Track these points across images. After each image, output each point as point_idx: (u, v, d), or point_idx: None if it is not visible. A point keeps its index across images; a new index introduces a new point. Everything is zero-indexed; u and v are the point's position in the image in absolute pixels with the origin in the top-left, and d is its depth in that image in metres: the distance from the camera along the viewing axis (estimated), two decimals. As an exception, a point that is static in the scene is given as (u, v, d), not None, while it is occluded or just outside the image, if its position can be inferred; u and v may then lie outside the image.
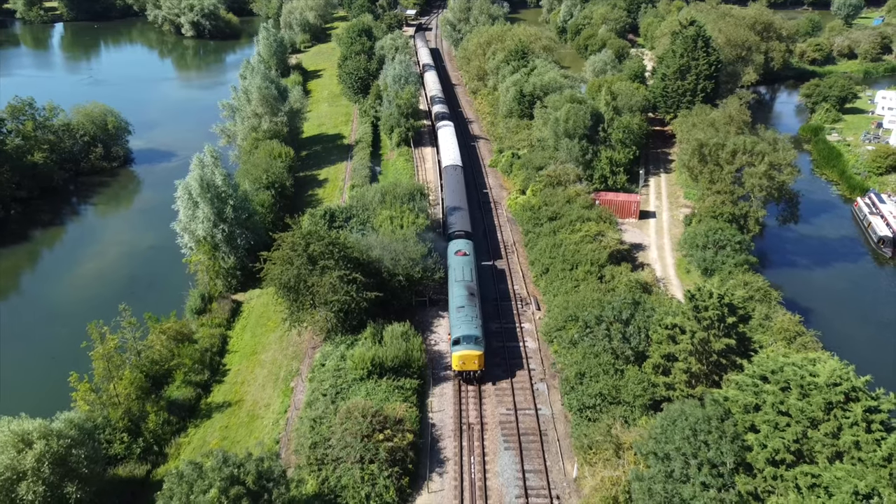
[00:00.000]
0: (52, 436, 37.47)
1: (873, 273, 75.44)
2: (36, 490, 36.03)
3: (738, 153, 68.73)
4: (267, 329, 59.07)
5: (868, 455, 27.10)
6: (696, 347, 39.05)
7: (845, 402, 28.85)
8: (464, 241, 61.01)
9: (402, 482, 40.15)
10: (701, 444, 32.48)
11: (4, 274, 73.87)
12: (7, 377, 54.91)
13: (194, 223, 63.49)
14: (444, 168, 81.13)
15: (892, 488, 25.21)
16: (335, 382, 47.04)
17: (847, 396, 28.87)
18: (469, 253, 58.66)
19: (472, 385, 48.77)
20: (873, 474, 26.40)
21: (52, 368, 53.93)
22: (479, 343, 48.05)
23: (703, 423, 32.94)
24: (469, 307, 50.98)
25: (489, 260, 66.37)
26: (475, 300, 52.35)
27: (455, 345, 48.49)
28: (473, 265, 57.28)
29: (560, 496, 40.18)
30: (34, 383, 53.45)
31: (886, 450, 26.54)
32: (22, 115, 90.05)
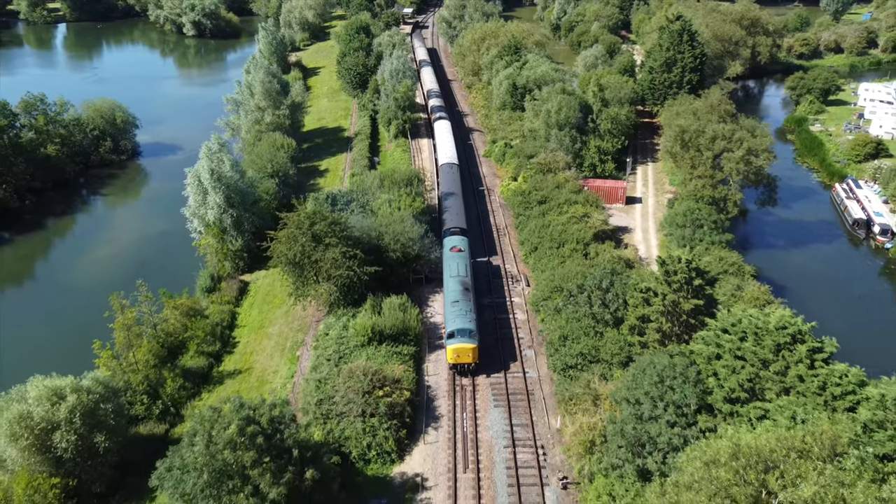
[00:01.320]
0: (82, 391, 41.32)
1: (847, 253, 79.38)
2: (69, 439, 39.85)
3: (717, 139, 72.59)
4: (273, 305, 62.91)
5: (808, 387, 30.96)
6: (666, 308, 42.94)
7: (792, 344, 32.72)
8: (459, 238, 62.32)
9: (400, 434, 44.07)
10: (667, 388, 36.30)
11: (24, 258, 77.82)
12: (32, 347, 58.76)
13: (203, 208, 67.35)
14: (440, 166, 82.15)
15: (825, 412, 29.01)
16: (338, 348, 50.90)
17: (793, 338, 32.73)
18: (464, 249, 60.08)
19: (467, 378, 49.59)
20: (811, 402, 30.24)
21: (74, 341, 57.65)
22: (472, 337, 49.07)
23: (669, 369, 36.81)
24: (463, 302, 52.03)
25: (483, 247, 69.87)
26: (469, 295, 53.45)
27: (450, 338, 49.38)
28: (468, 261, 58.64)
29: (544, 446, 44.06)
30: (58, 353, 57.04)
31: (821, 379, 30.38)
32: (34, 110, 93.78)
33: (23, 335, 62.03)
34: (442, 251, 61.50)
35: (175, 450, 34.80)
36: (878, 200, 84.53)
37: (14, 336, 62.19)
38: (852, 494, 22.08)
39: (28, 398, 40.47)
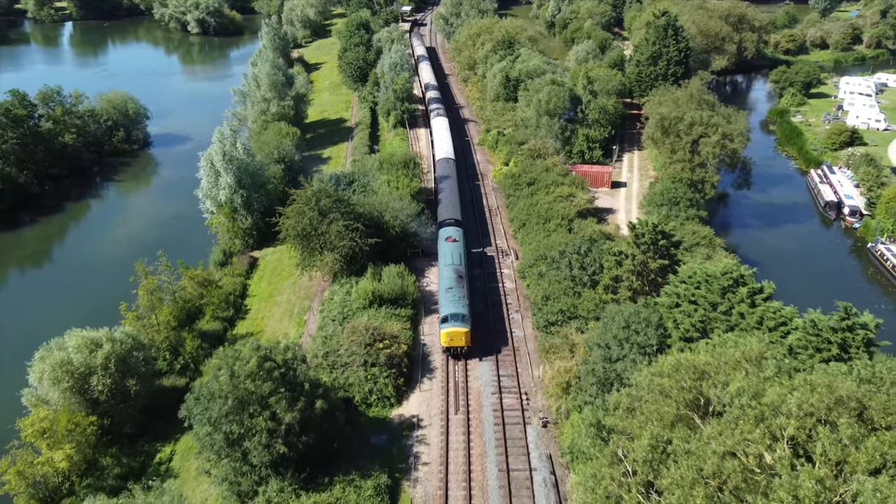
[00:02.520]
0: (116, 341, 46.46)
1: (819, 233, 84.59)
2: (104, 382, 44.95)
3: (695, 125, 77.64)
4: (281, 278, 68.01)
5: (749, 322, 36.05)
6: (636, 268, 48.08)
7: (735, 287, 37.82)
8: (454, 229, 64.38)
9: (398, 382, 49.18)
10: (632, 332, 41.37)
11: (46, 238, 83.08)
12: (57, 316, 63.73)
13: (216, 189, 72.39)
14: (437, 161, 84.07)
15: (758, 340, 34.04)
16: (342, 310, 55.99)
17: (736, 282, 37.82)
18: (458, 239, 62.12)
19: (460, 361, 51.66)
20: (751, 335, 35.32)
21: (96, 311, 62.36)
22: (465, 321, 51.11)
23: (635, 316, 41.90)
24: (457, 288, 54.24)
25: (476, 226, 74.83)
26: (463, 282, 55.70)
27: (443, 322, 51.44)
28: (462, 250, 60.82)
29: (528, 393, 49.17)
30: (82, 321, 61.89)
31: (759, 314, 35.43)
32: (51, 102, 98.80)
33: (48, 306, 67.09)
34: (438, 241, 64.24)
35: (201, 383, 39.90)
36: (849, 184, 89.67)
37: (40, 307, 67.29)
38: (769, 388, 27.12)
39: (67, 347, 45.56)
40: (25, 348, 49.81)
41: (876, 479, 21.68)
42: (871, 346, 31.61)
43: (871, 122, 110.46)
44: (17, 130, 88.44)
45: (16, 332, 62.44)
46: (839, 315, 32.14)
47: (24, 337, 58.26)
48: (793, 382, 26.20)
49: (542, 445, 44.48)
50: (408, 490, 41.59)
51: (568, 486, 41.21)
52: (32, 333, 56.63)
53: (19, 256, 79.78)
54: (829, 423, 24.21)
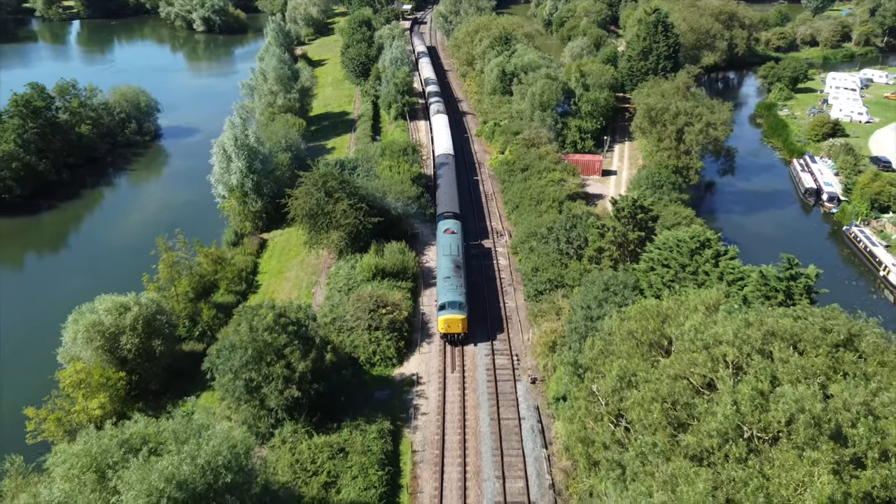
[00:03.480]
0: (142, 305, 50.93)
1: (799, 217, 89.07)
2: (133, 342, 49.43)
3: (680, 115, 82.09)
4: (289, 256, 72.49)
5: (712, 278, 40.50)
6: (617, 239, 52.53)
7: (701, 249, 42.28)
8: (452, 221, 66.79)
9: (399, 344, 53.69)
10: (611, 293, 45.86)
11: (66, 221, 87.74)
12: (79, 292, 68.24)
13: (227, 174, 76.81)
14: (436, 156, 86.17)
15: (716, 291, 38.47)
16: (347, 282, 60.46)
17: (702, 244, 42.28)
18: (456, 232, 64.53)
19: (457, 347, 53.66)
20: (714, 290, 39.76)
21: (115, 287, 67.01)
22: (462, 308, 53.15)
23: (613, 279, 46.40)
24: (455, 278, 56.50)
25: (472, 209, 79.43)
26: (460, 272, 57.88)
27: (441, 309, 53.44)
28: (460, 242, 63.11)
29: (518, 355, 53.64)
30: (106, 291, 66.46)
31: (720, 270, 39.89)
32: (67, 95, 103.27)
33: (71, 281, 71.62)
34: (437, 232, 67.01)
35: (223, 336, 44.43)
36: (829, 173, 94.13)
37: (63, 282, 71.84)
38: (719, 324, 31.58)
39: (98, 310, 50.02)
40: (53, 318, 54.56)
41: (796, 388, 26.18)
42: (811, 293, 36.06)
43: (854, 114, 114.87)
44: (36, 121, 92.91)
45: (43, 303, 67.00)
46: (784, 266, 36.64)
47: (50, 308, 62.84)
48: (734, 319, 30.68)
49: (531, 399, 48.96)
50: (408, 435, 46.08)
51: (553, 433, 45.68)
52: (58, 305, 61.13)
53: (41, 238, 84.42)
54: (765, 351, 28.70)
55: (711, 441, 26.32)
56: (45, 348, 53.22)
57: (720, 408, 26.63)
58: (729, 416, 25.80)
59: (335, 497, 39.04)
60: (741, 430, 26.05)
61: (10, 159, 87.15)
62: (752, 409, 26.26)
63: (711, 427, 26.27)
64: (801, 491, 23.14)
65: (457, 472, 42.80)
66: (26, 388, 52.52)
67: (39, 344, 56.53)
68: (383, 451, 43.06)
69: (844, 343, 31.16)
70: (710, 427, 26.31)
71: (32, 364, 55.91)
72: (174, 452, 27.72)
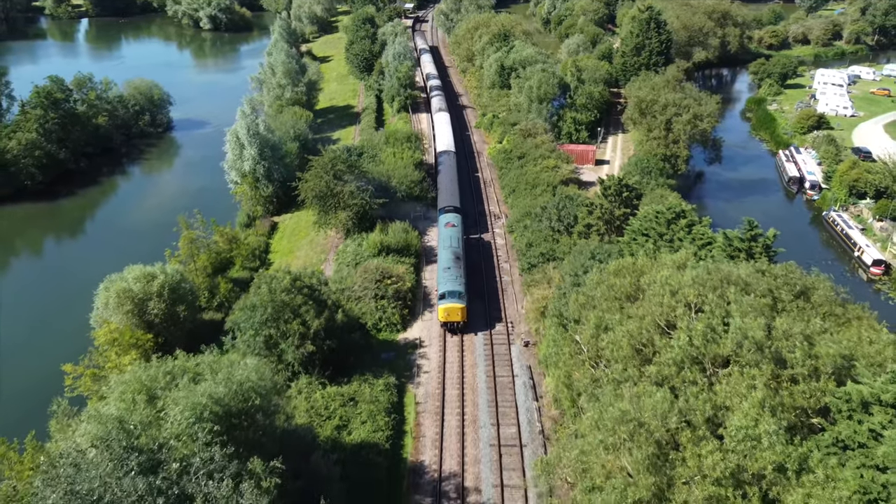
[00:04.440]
0: (168, 274, 55.49)
1: (782, 204, 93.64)
2: (159, 307, 53.94)
3: (668, 106, 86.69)
4: (299, 237, 77.06)
5: (685, 244, 45.04)
6: (604, 216, 57.08)
7: (677, 219, 46.82)
8: (453, 215, 68.62)
9: (403, 312, 58.24)
10: (596, 261, 50.33)
11: (86, 207, 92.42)
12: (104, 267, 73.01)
13: (240, 161, 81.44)
14: (438, 153, 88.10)
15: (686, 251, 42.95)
16: (354, 258, 65.02)
17: (678, 215, 46.82)
18: (457, 225, 66.45)
19: (456, 335, 55.66)
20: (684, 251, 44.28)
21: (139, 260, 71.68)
22: (462, 298, 55.18)
23: (599, 248, 50.96)
24: (455, 268, 58.65)
25: (472, 195, 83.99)
26: (460, 263, 60.01)
27: (441, 299, 55.45)
28: (460, 235, 65.07)
29: (513, 322, 58.21)
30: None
31: (692, 236, 44.44)
32: (84, 88, 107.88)
33: (95, 259, 76.12)
34: (438, 226, 69.29)
35: (245, 297, 49.00)
36: (812, 163, 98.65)
37: (87, 260, 76.47)
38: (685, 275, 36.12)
39: (128, 278, 54.58)
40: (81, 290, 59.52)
41: (744, 319, 30.73)
42: (770, 251, 40.61)
43: (839, 109, 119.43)
44: (56, 112, 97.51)
45: (70, 278, 71.73)
46: (745, 228, 41.21)
47: (77, 282, 67.67)
48: (697, 268, 35.25)
49: (524, 359, 53.53)
50: (411, 390, 50.65)
51: (543, 388, 50.20)
52: (83, 279, 65.69)
53: (64, 221, 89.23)
54: (719, 292, 33.27)
55: (670, 369, 30.88)
56: (77, 316, 57.91)
57: (676, 341, 31.19)
58: (684, 347, 30.35)
59: (347, 437, 43.58)
60: (695, 360, 30.60)
61: (33, 147, 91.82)
62: (705, 342, 30.82)
63: (669, 357, 30.84)
64: (740, 400, 27.67)
65: (456, 420, 47.35)
66: (61, 350, 57.05)
67: (71, 312, 61.36)
68: (389, 401, 47.62)
69: (799, 295, 35.84)
70: (669, 357, 30.87)
71: (66, 329, 60.59)
72: (210, 380, 32.26)
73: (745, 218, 41.61)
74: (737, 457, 25.74)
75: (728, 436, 26.39)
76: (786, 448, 25.07)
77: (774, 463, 24.92)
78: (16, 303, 69.47)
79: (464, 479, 42.43)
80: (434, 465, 43.59)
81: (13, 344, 61.43)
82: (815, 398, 28.16)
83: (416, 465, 43.67)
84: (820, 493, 23.35)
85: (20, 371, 57.19)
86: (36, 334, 62.86)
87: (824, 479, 23.99)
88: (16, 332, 63.44)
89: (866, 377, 27.37)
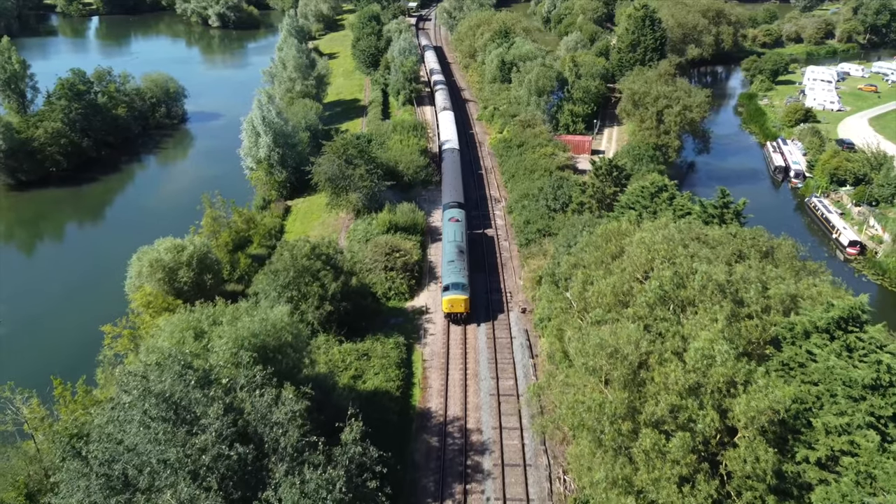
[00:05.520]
0: (195, 245, 60.60)
1: (768, 192, 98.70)
2: (188, 275, 59.02)
3: (660, 98, 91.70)
4: (312, 219, 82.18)
5: (665, 214, 50.11)
6: (595, 194, 62.15)
7: (659, 192, 51.86)
8: (457, 210, 70.52)
9: (410, 282, 63.38)
10: (588, 232, 55.40)
11: (108, 191, 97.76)
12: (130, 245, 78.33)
13: (256, 148, 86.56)
14: (443, 151, 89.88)
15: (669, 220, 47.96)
16: (365, 235, 70.09)
17: (660, 189, 51.87)
18: (461, 220, 68.72)
19: (459, 325, 57.77)
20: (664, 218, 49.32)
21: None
22: (465, 289, 57.41)
23: (589, 222, 55.98)
24: (458, 262, 60.87)
25: (473, 180, 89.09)
26: (463, 256, 62.50)
27: (445, 290, 57.64)
28: (464, 229, 67.65)
29: (511, 292, 63.29)
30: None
31: (673, 207, 49.51)
32: (104, 80, 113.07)
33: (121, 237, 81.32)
34: (442, 220, 71.50)
35: (268, 263, 54.13)
36: (798, 153, 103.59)
37: (114, 238, 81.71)
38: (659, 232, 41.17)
39: (159, 249, 59.70)
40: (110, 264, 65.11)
41: (709, 267, 35.80)
42: (740, 217, 45.71)
43: (827, 104, 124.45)
44: (79, 102, 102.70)
45: (99, 254, 77.16)
46: (718, 196, 46.27)
47: (105, 259, 73.07)
48: (670, 228, 40.36)
49: (521, 324, 58.63)
50: (419, 349, 55.78)
51: (538, 348, 55.28)
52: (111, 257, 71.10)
53: (88, 205, 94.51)
54: (687, 246, 38.36)
55: (644, 310, 35.93)
56: (107, 288, 63.42)
57: (649, 285, 36.27)
58: (655, 291, 35.39)
59: (362, 385, 48.65)
60: (666, 300, 35.66)
61: (59, 136, 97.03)
62: (674, 287, 35.88)
63: (643, 300, 35.91)
64: (703, 331, 32.70)
65: (459, 374, 52.46)
66: (96, 316, 62.06)
67: (102, 285, 66.77)
68: (399, 357, 52.73)
69: (766, 255, 40.98)
70: (643, 300, 35.95)
71: (100, 299, 65.79)
72: (248, 320, 37.39)
73: (718, 187, 46.64)
74: (696, 375, 30.77)
75: (689, 358, 31.42)
76: (735, 365, 30.10)
77: (725, 377, 29.93)
78: (48, 278, 74.72)
79: (466, 422, 47.56)
80: (440, 410, 48.71)
81: (53, 310, 66.82)
82: (765, 329, 33.23)
83: (423, 411, 48.80)
84: (760, 396, 28.37)
85: (62, 333, 62.38)
86: (72, 303, 68.11)
87: (765, 386, 29.01)
88: (52, 300, 68.75)
89: (808, 310, 32.43)
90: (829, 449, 28.30)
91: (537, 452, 44.83)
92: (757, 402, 28.00)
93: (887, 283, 72.94)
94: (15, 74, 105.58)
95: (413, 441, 45.88)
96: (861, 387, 28.10)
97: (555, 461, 44.33)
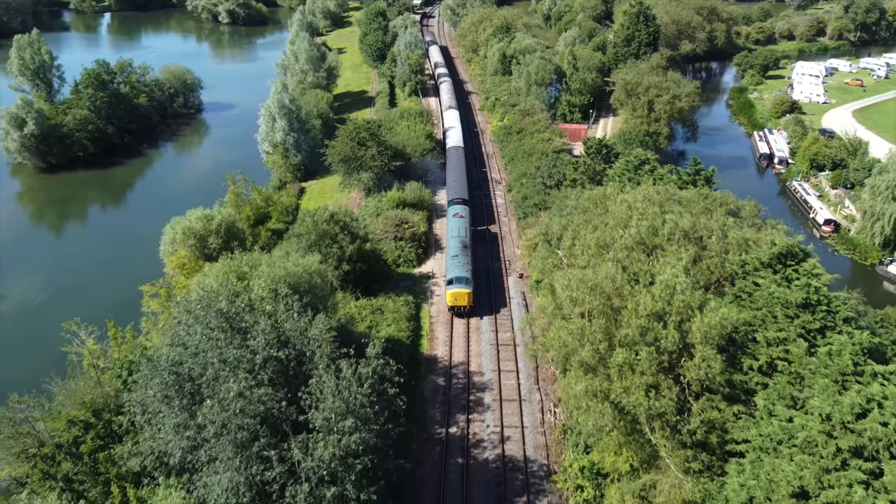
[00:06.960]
0: (223, 215, 66.78)
1: (753, 177, 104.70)
2: (217, 242, 65.15)
3: (650, 88, 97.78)
4: (325, 199, 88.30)
5: (648, 183, 56.19)
6: (587, 170, 68.24)
7: (642, 165, 57.95)
8: (461, 206, 72.20)
9: (418, 251, 69.50)
10: (577, 197, 61.45)
11: (133, 174, 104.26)
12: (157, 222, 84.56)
13: (272, 133, 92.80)
14: (448, 149, 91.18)
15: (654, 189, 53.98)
16: (375, 210, 76.24)
17: (642, 161, 57.98)
18: (465, 216, 70.35)
19: (463, 318, 59.15)
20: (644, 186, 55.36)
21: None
22: (468, 283, 58.63)
23: (579, 192, 62.01)
24: (462, 256, 62.20)
25: (475, 164, 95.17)
26: (467, 251, 63.87)
27: (449, 284, 59.05)
28: (468, 225, 69.27)
29: (510, 261, 69.44)
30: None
31: (655, 177, 55.65)
32: (125, 71, 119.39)
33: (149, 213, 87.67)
34: (447, 217, 73.57)
35: (292, 228, 60.27)
36: (782, 142, 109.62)
37: (143, 214, 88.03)
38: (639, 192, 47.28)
39: (191, 218, 65.88)
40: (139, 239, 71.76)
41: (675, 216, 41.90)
42: (711, 182, 51.85)
43: (813, 97, 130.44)
44: (104, 91, 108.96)
45: (130, 228, 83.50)
46: (692, 165, 52.43)
47: (134, 233, 79.42)
48: (648, 191, 46.53)
49: (518, 287, 64.77)
50: (426, 307, 61.92)
51: (534, 307, 61.33)
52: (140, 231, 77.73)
53: (116, 186, 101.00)
54: (661, 204, 44.51)
55: (621, 253, 42.07)
56: (141, 256, 69.79)
57: (627, 232, 42.42)
58: (633, 236, 41.53)
59: (376, 334, 54.72)
60: (640, 245, 41.80)
61: (86, 122, 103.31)
62: (649, 234, 42.01)
63: (621, 244, 42.05)
64: (671, 267, 38.83)
65: (462, 328, 58.58)
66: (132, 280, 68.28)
67: (136, 253, 73.09)
68: (409, 312, 58.85)
69: (733, 213, 47.11)
70: (621, 244, 42.09)
71: (133, 267, 71.98)
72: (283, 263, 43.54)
73: (693, 157, 52.75)
74: (661, 303, 36.88)
75: (656, 289, 37.55)
76: (693, 294, 36.21)
77: (685, 303, 36.04)
78: (86, 249, 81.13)
79: (469, 366, 53.72)
80: (445, 356, 54.89)
81: (91, 277, 73.19)
82: (724, 268, 39.37)
83: (431, 357, 54.98)
84: (712, 315, 34.46)
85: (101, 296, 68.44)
86: (107, 271, 74.38)
87: (716, 308, 35.10)
88: (89, 269, 75.08)
89: (758, 250, 38.55)
90: (769, 357, 34.40)
91: (531, 390, 51.01)
92: (709, 318, 34.09)
93: (857, 256, 79.02)
94: (43, 65, 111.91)
95: (422, 380, 52.04)
96: (795, 306, 34.17)
97: (546, 398, 50.51)
